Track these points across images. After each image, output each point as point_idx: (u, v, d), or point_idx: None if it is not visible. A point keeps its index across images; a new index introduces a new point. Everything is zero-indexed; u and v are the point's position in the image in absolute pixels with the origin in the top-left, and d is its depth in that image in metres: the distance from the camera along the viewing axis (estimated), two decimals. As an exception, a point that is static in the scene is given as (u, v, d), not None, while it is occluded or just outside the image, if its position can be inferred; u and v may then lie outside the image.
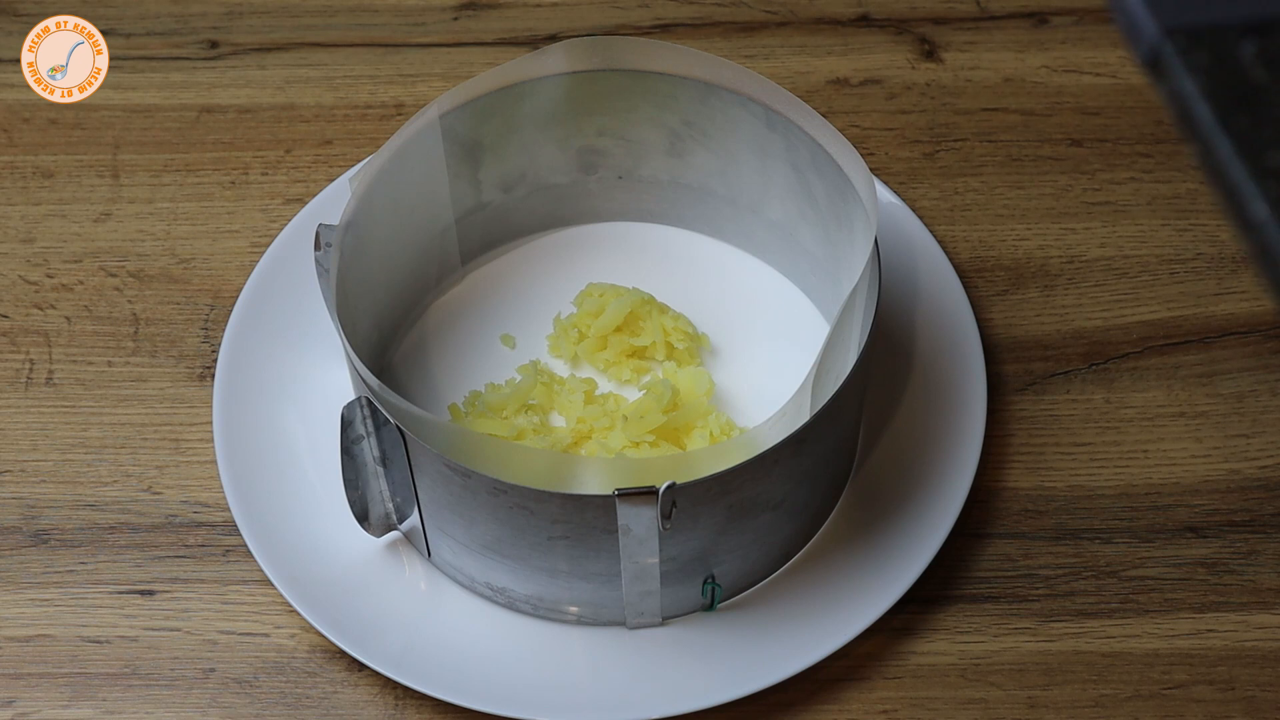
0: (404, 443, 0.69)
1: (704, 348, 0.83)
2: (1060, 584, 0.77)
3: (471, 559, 0.73)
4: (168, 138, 0.92)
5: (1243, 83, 0.43)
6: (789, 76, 0.95)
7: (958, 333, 0.82)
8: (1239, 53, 0.43)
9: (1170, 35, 0.43)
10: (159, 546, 0.79)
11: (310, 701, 0.74)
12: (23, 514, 0.80)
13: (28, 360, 0.85)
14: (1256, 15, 0.44)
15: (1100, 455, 0.81)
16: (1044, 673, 0.75)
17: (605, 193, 0.86)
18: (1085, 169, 0.91)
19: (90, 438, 0.82)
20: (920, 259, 0.85)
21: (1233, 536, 0.78)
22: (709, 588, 0.74)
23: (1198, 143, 0.43)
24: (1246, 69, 0.43)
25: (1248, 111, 0.42)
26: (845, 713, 0.74)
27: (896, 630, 0.76)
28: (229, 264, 0.88)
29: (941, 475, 0.78)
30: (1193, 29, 0.43)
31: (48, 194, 0.90)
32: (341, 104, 0.94)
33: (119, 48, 0.96)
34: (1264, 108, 0.43)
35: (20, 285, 0.87)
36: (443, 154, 0.79)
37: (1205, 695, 0.74)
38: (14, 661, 0.76)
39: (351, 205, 0.74)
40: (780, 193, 0.82)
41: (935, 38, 0.96)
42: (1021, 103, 0.94)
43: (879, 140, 0.92)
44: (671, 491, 0.67)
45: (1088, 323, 0.85)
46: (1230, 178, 0.42)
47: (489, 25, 0.98)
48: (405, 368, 0.83)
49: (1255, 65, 0.43)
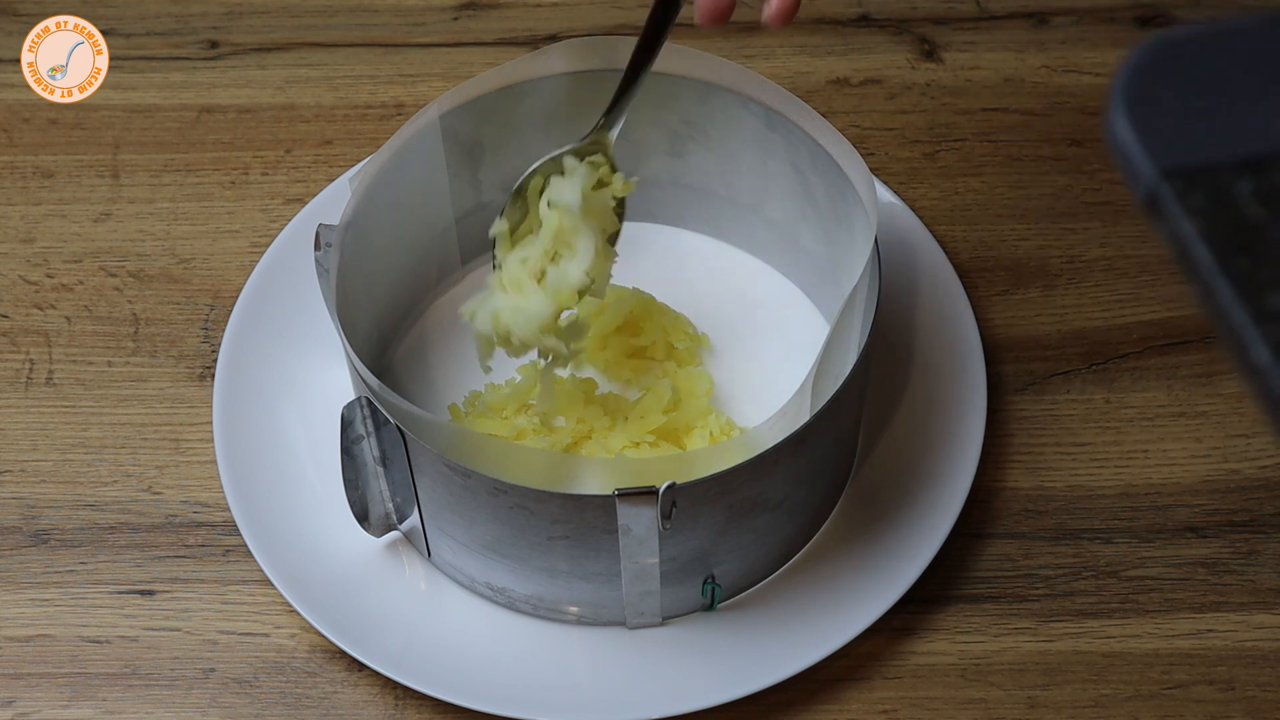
0: (404, 443, 0.69)
1: (704, 348, 0.83)
2: (1060, 584, 0.77)
3: (471, 559, 0.73)
4: (168, 138, 0.92)
5: (1240, 222, 0.43)
6: (789, 76, 0.95)
7: (958, 333, 0.82)
8: (1235, 191, 0.43)
9: (1168, 177, 0.43)
10: (159, 546, 0.79)
11: (310, 701, 0.74)
12: (23, 514, 0.80)
13: (28, 360, 0.85)
14: (1251, 152, 0.44)
15: (1100, 455, 0.81)
16: (1044, 673, 0.75)
17: (605, 193, 0.86)
18: (1085, 169, 0.91)
19: (90, 438, 0.82)
20: (920, 259, 0.85)
21: (1233, 536, 0.78)
22: (709, 588, 0.74)
23: (1198, 285, 0.43)
24: (1243, 208, 0.43)
25: (1246, 252, 0.42)
26: (845, 713, 0.74)
27: (896, 630, 0.76)
28: (229, 264, 0.88)
29: (941, 475, 0.78)
30: (1189, 169, 0.43)
31: (48, 194, 0.90)
32: (341, 104, 0.94)
33: (119, 48, 0.96)
34: (1262, 247, 0.43)
35: (20, 285, 0.87)
36: (443, 154, 0.79)
37: (1205, 695, 0.74)
38: (14, 661, 0.76)
39: (351, 205, 0.74)
40: (780, 193, 0.82)
41: (935, 38, 0.96)
42: (1021, 103, 0.94)
43: (879, 140, 0.92)
44: (671, 491, 0.67)
45: (1088, 323, 0.85)
46: (1232, 322, 0.42)
47: (489, 25, 0.98)
48: (405, 368, 0.83)
49: (1252, 203, 0.43)
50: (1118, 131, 0.44)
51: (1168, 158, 0.44)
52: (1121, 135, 0.44)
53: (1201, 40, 0.45)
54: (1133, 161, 0.44)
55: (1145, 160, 0.44)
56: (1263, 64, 0.45)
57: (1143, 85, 0.45)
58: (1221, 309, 0.42)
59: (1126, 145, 0.44)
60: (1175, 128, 0.44)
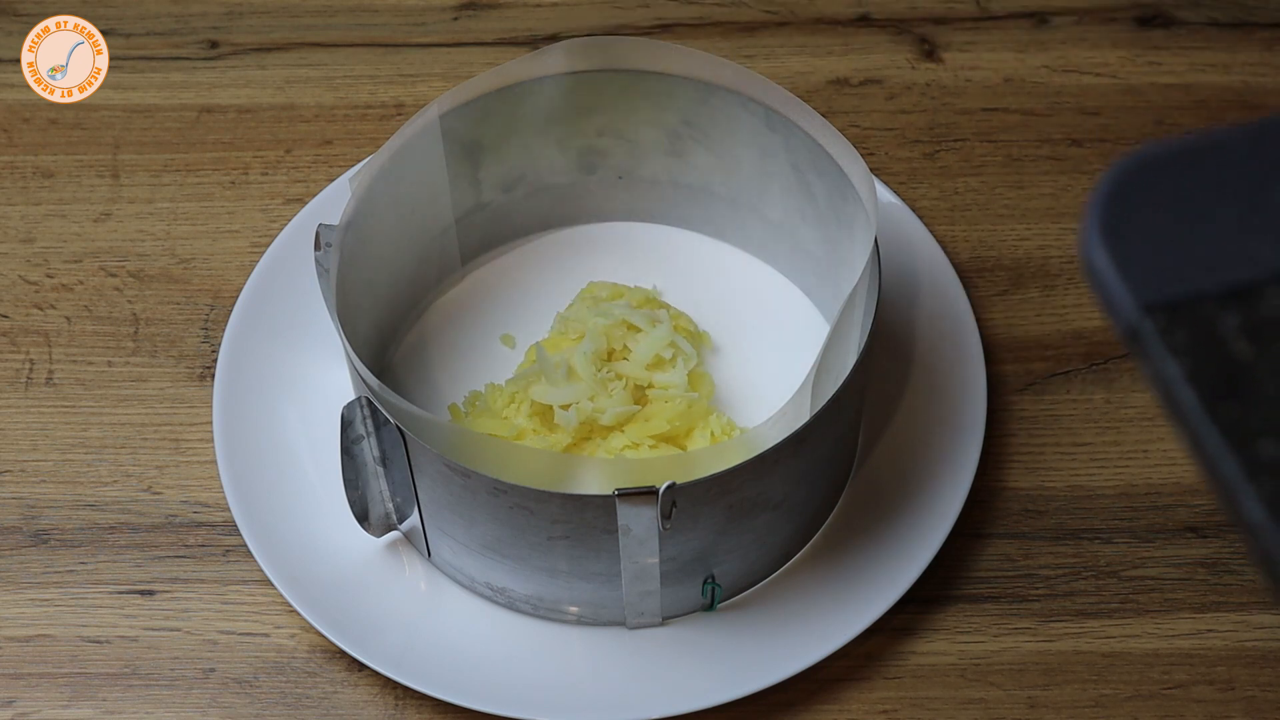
0: (404, 443, 0.69)
1: (705, 346, 0.83)
2: (1060, 584, 0.77)
3: (471, 559, 0.73)
4: (168, 138, 0.92)
5: (1228, 361, 0.40)
6: (789, 76, 0.95)
7: (958, 333, 0.82)
8: (1221, 327, 0.40)
9: (1150, 313, 0.40)
10: (159, 546, 0.79)
11: (310, 701, 0.74)
12: (23, 514, 0.80)
13: (28, 360, 0.85)
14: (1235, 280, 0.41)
15: (1100, 455, 0.81)
16: (1044, 673, 0.75)
17: (605, 193, 0.86)
18: (1085, 169, 0.91)
19: (90, 438, 0.82)
20: (920, 259, 0.85)
21: (1233, 536, 0.78)
22: (709, 588, 0.74)
23: (1185, 431, 0.40)
24: (1230, 344, 0.40)
25: (1235, 395, 0.39)
26: (845, 713, 0.74)
27: (896, 630, 0.76)
28: (229, 264, 0.88)
29: (941, 475, 0.78)
30: (1172, 302, 0.40)
31: (48, 194, 0.90)
32: (341, 104, 0.94)
33: (119, 48, 0.96)
34: (1251, 388, 0.40)
35: (20, 285, 0.87)
36: (443, 154, 0.79)
37: (1205, 695, 0.74)
38: (14, 661, 0.76)
39: (351, 205, 0.74)
40: (780, 193, 0.82)
41: (935, 38, 0.96)
42: (1021, 103, 0.94)
43: (879, 140, 0.92)
44: (671, 491, 0.67)
45: (1088, 323, 0.85)
46: (1222, 474, 0.39)
47: (489, 25, 0.98)
48: (405, 368, 0.83)
49: (1239, 339, 0.40)
50: (1094, 260, 0.41)
51: (1149, 290, 0.41)
52: (1099, 264, 0.41)
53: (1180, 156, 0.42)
54: (1111, 294, 0.41)
55: (1124, 294, 0.41)
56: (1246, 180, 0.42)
57: (1120, 208, 0.42)
58: (1210, 459, 0.39)
59: (1104, 276, 0.41)
60: (1156, 254, 0.41)
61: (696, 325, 0.83)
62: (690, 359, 0.79)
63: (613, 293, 0.82)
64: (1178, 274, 0.41)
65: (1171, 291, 0.41)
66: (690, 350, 0.80)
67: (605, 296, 0.82)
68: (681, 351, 0.79)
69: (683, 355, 0.79)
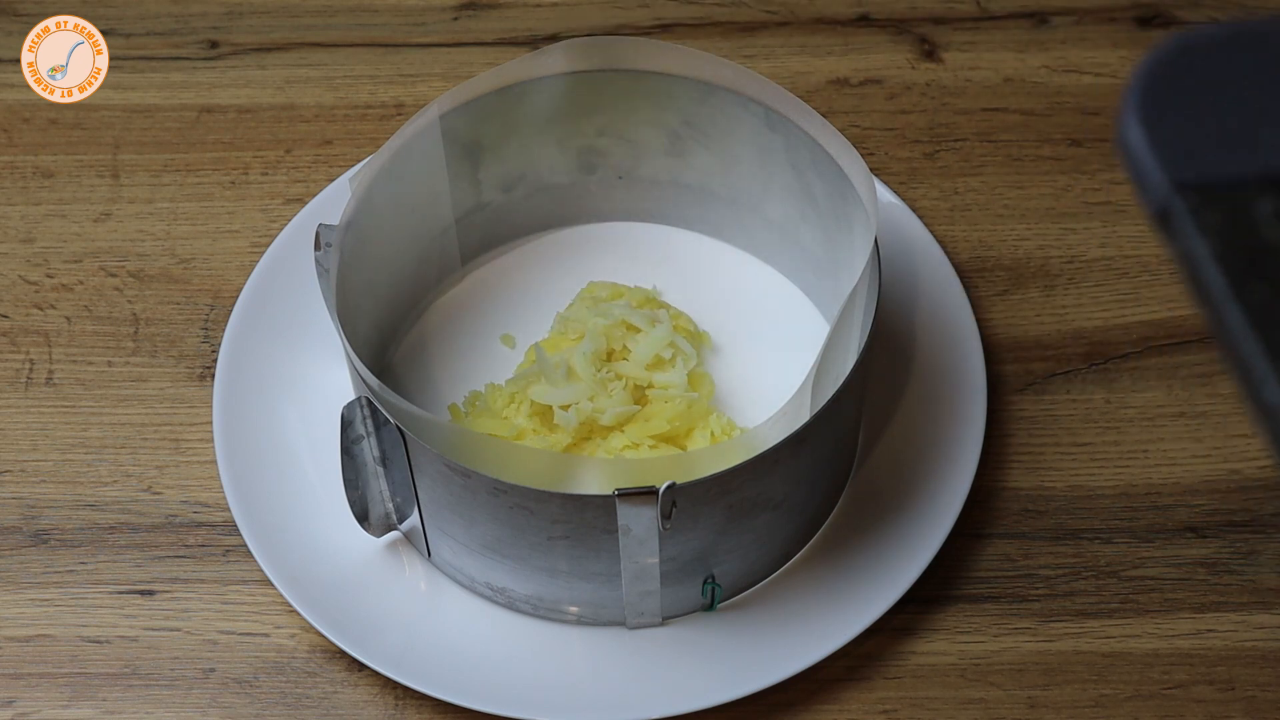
0: (404, 443, 0.69)
1: (705, 346, 0.83)
2: (1060, 584, 0.77)
3: (471, 559, 0.73)
4: (168, 138, 0.92)
5: (1259, 245, 0.39)
6: (789, 76, 0.95)
7: (958, 333, 0.82)
8: (1255, 211, 0.39)
9: (1181, 191, 0.40)
10: (159, 546, 0.79)
11: (310, 701, 0.74)
12: (23, 514, 0.80)
13: (28, 360, 0.85)
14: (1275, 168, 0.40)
15: (1100, 455, 0.81)
16: (1044, 673, 0.75)
17: (605, 193, 0.86)
18: (1085, 169, 0.91)
19: (90, 438, 0.82)
20: (920, 259, 0.85)
21: (1233, 536, 0.78)
22: (709, 588, 0.74)
23: (1209, 311, 0.39)
24: (1263, 229, 0.39)
25: (1264, 279, 0.39)
26: (845, 713, 0.74)
27: (896, 630, 0.76)
28: (229, 264, 0.88)
29: (941, 475, 0.78)
30: (1205, 184, 0.40)
31: (48, 194, 0.90)
32: (341, 104, 0.94)
33: (119, 48, 0.96)
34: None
35: (20, 285, 0.87)
36: (443, 154, 0.79)
37: (1205, 695, 0.74)
38: (14, 661, 0.76)
39: (351, 205, 0.74)
40: (780, 193, 0.82)
41: (935, 38, 0.96)
42: (1021, 103, 0.94)
43: (879, 140, 0.92)
44: (671, 491, 0.67)
45: (1088, 323, 0.85)
46: (1243, 354, 0.38)
47: (489, 25, 0.98)
48: (405, 368, 0.83)
49: (1273, 224, 0.39)
50: (1129, 138, 0.41)
51: (1183, 170, 0.40)
52: (1133, 142, 0.41)
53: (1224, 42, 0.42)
54: (1144, 171, 0.41)
55: (1158, 171, 0.40)
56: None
57: (1159, 89, 0.41)
58: (1232, 339, 0.39)
59: (1138, 153, 0.41)
60: (1192, 137, 0.41)
61: (696, 325, 0.83)
62: (690, 359, 0.79)
63: (613, 293, 0.82)
64: (1215, 157, 0.40)
65: (1207, 173, 0.40)
66: (690, 350, 0.80)
67: (605, 296, 0.82)
68: (681, 351, 0.79)
69: (682, 355, 0.79)
